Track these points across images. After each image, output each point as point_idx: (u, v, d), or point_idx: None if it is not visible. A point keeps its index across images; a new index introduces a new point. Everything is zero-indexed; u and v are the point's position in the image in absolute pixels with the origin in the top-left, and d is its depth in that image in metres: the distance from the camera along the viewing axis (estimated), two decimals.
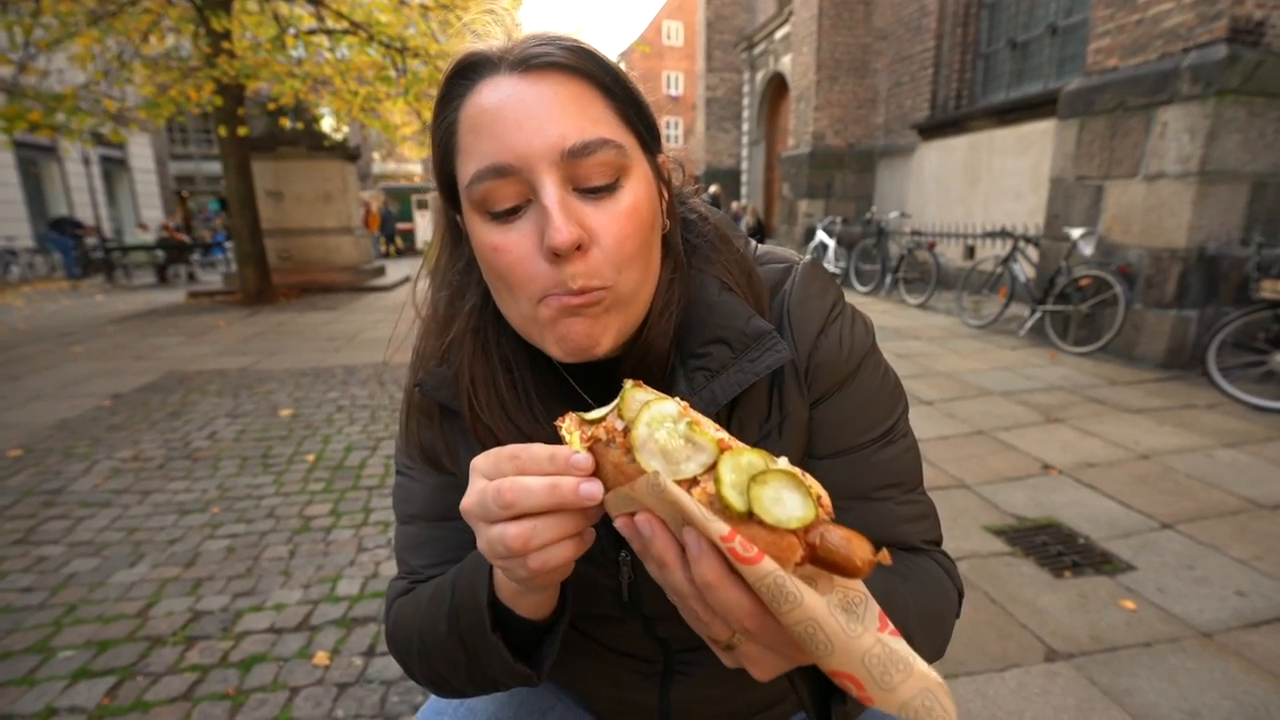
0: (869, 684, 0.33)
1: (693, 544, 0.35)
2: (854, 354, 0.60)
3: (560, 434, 0.42)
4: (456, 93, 0.52)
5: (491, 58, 0.51)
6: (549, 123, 0.48)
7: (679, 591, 0.38)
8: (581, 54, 0.51)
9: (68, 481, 3.06)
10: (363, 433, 3.69)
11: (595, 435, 0.41)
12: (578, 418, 0.42)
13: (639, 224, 0.52)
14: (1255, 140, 4.33)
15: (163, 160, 21.72)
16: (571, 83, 0.50)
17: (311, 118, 10.48)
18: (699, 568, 0.35)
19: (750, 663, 0.39)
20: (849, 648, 0.33)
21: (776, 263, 0.63)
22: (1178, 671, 1.69)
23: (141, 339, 6.67)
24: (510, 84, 0.49)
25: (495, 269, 0.52)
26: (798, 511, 0.35)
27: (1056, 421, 3.61)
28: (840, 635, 0.33)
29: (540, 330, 0.53)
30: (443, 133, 0.53)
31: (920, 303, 7.52)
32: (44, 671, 1.78)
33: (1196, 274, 4.49)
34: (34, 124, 6.95)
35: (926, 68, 9.10)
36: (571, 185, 0.50)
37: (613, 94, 0.52)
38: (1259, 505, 2.59)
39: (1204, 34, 4.34)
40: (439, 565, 0.64)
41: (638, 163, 0.53)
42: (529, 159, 0.48)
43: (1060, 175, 5.49)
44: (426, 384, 0.61)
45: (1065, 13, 7.15)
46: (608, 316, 0.52)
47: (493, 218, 0.51)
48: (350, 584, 2.19)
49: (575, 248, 0.48)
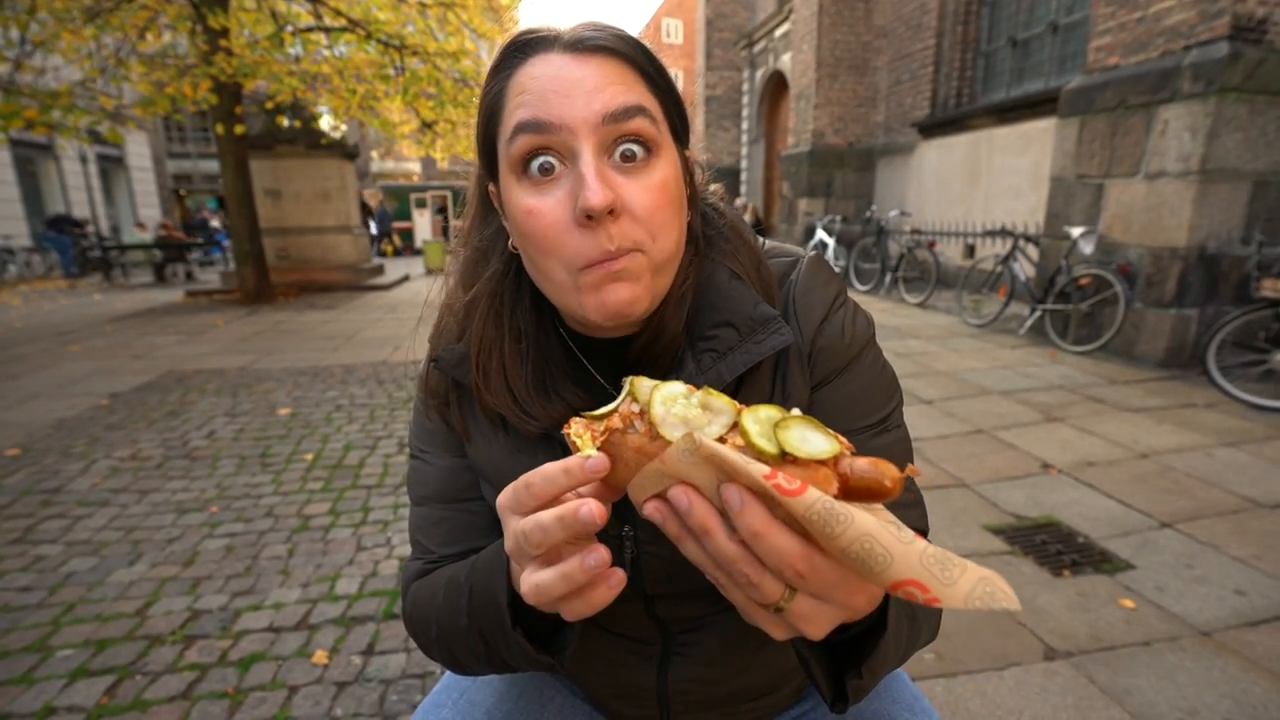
0: (933, 584, 0.33)
1: (734, 498, 0.36)
2: (855, 342, 0.62)
3: (569, 441, 0.42)
4: (509, 64, 0.55)
5: (547, 36, 0.54)
6: (592, 94, 0.51)
7: (724, 558, 0.37)
8: (630, 43, 0.55)
9: (66, 481, 3.05)
10: (361, 431, 3.69)
11: (610, 426, 0.41)
12: (584, 420, 0.42)
13: (668, 197, 0.54)
14: (1256, 139, 4.33)
15: (160, 159, 21.67)
16: (617, 64, 0.53)
17: (310, 116, 10.46)
18: (744, 519, 0.35)
19: (803, 620, 0.39)
20: (906, 554, 0.33)
21: (784, 256, 0.66)
22: (1176, 670, 1.69)
23: (139, 338, 6.66)
24: (561, 60, 0.52)
25: (529, 233, 0.53)
26: (824, 446, 0.37)
27: (1056, 420, 3.61)
28: (896, 543, 0.33)
29: (580, 296, 0.54)
30: (491, 97, 0.56)
31: (920, 301, 7.52)
32: (42, 670, 1.77)
33: (1197, 273, 4.49)
34: (30, 121, 6.93)
35: (927, 66, 9.09)
36: (608, 154, 0.52)
37: (654, 83, 0.56)
38: (1258, 504, 2.59)
39: (1205, 32, 4.33)
40: (453, 546, 0.66)
41: (668, 146, 0.56)
42: (570, 122, 0.51)
43: (1061, 174, 5.49)
44: (443, 359, 0.63)
45: (1066, 10, 7.14)
46: (646, 278, 0.54)
47: (530, 181, 0.53)
48: (349, 583, 2.19)
49: (608, 211, 0.50)
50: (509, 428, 0.63)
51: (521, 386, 0.60)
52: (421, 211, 20.00)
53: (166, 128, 22.42)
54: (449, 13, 8.18)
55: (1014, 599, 0.33)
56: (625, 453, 0.40)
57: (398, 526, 2.57)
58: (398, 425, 3.78)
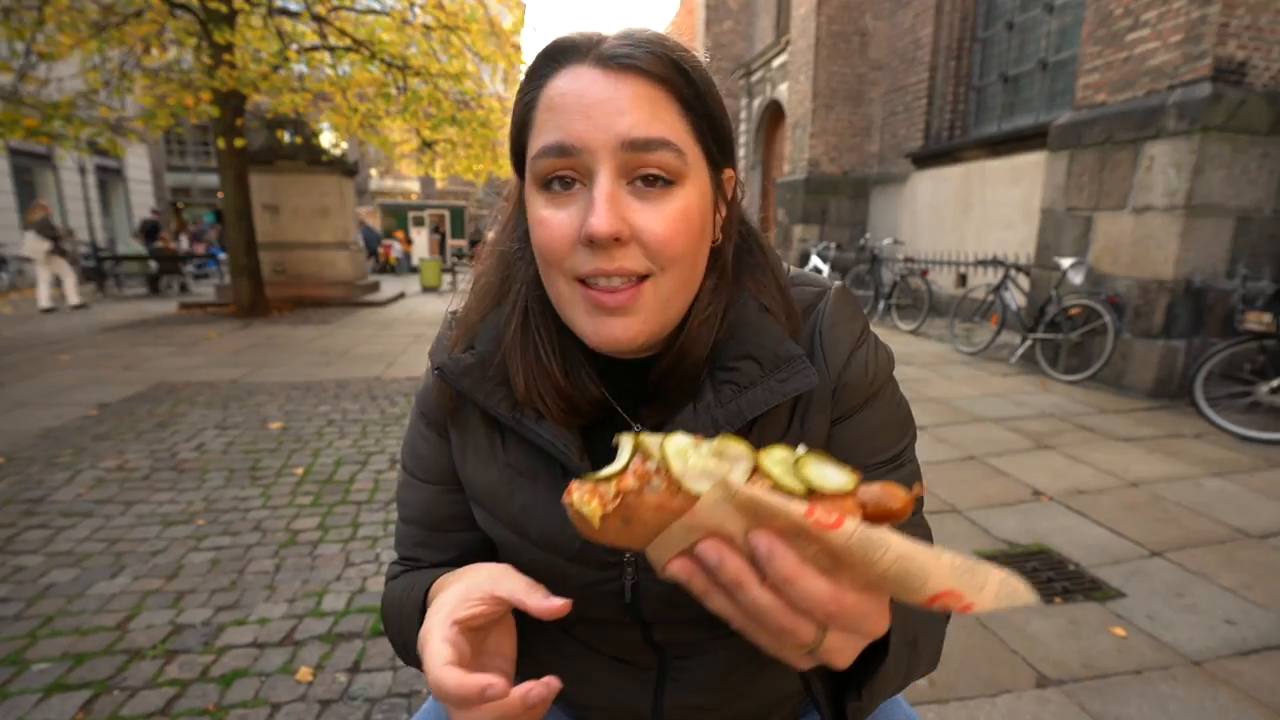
0: (968, 590, 0.34)
1: (763, 546, 0.35)
2: (877, 378, 0.63)
3: (572, 511, 0.40)
4: (541, 73, 0.53)
5: (580, 46, 0.52)
6: (616, 116, 0.49)
7: (758, 609, 0.37)
8: (665, 62, 0.51)
9: (49, 490, 3.01)
10: (353, 447, 3.66)
11: (623, 488, 0.38)
12: (589, 484, 0.40)
13: (683, 229, 0.52)
14: (1239, 176, 4.44)
15: (159, 171, 21.74)
16: (648, 86, 0.51)
17: (311, 132, 10.54)
18: (775, 566, 0.35)
19: (834, 654, 0.39)
20: (939, 567, 0.34)
21: (810, 285, 0.65)
22: (1168, 699, 1.69)
23: (131, 349, 6.62)
24: (590, 75, 0.51)
25: (538, 242, 0.54)
26: (843, 479, 0.38)
27: (1047, 448, 3.63)
28: (930, 558, 0.34)
29: (578, 315, 0.54)
30: (522, 108, 0.55)
31: (913, 329, 7.58)
32: (17, 684, 1.73)
33: (1183, 305, 4.56)
34: (30, 131, 6.96)
35: (920, 98, 9.28)
36: (626, 179, 0.51)
37: (689, 105, 0.53)
38: (1247, 534, 2.60)
39: (1189, 72, 4.46)
40: (434, 562, 0.69)
41: (697, 173, 0.54)
42: (590, 144, 0.50)
43: (1051, 206, 5.59)
44: (447, 369, 0.62)
45: (1055, 49, 7.34)
46: (647, 312, 0.53)
47: (548, 193, 0.53)
48: (336, 599, 2.16)
49: (613, 239, 0.49)
50: (509, 448, 0.63)
51: (545, 387, 0.59)
52: (419, 230, 20.09)
53: (167, 141, 22.51)
54: (452, 35, 8.31)
55: (1031, 595, 0.34)
56: (643, 513, 0.38)
57: (386, 543, 2.55)
58: (390, 441, 3.76)
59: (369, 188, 27.81)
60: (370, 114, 8.62)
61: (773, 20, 14.54)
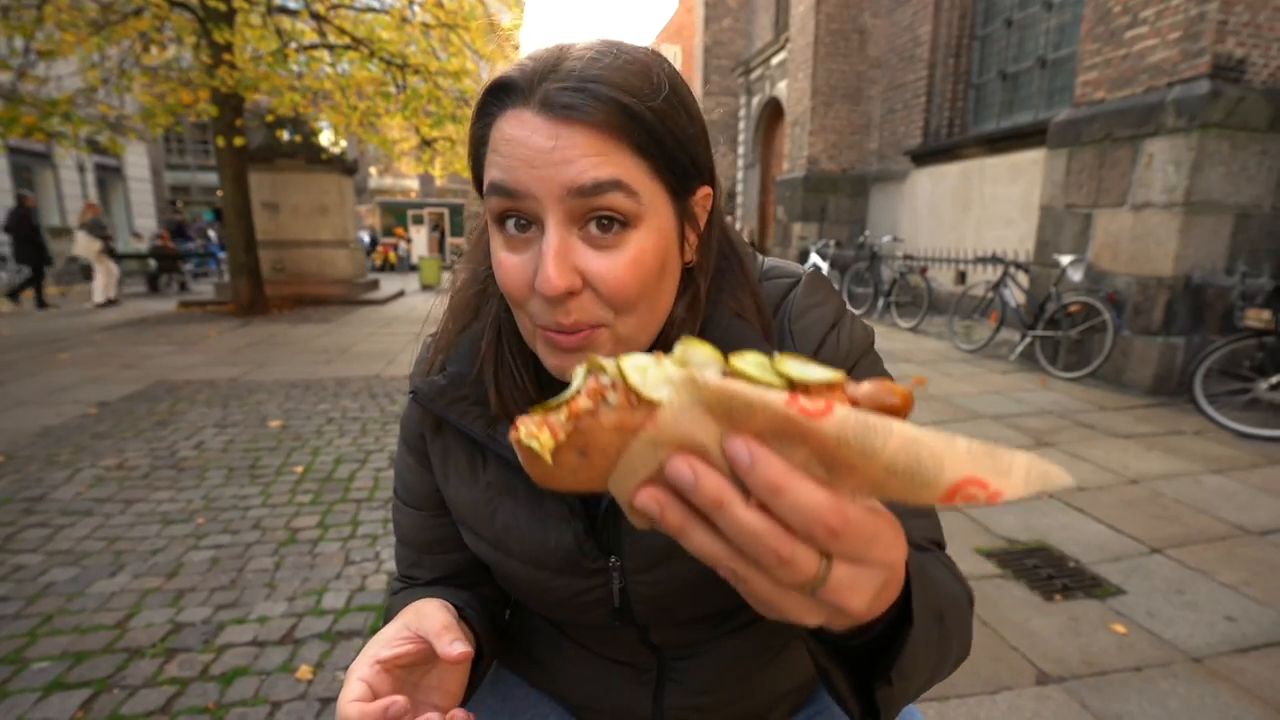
0: (991, 475, 0.28)
1: (742, 451, 0.29)
2: (851, 353, 0.61)
3: (519, 448, 0.33)
4: (487, 110, 0.51)
5: (520, 87, 0.48)
6: (561, 165, 0.47)
7: (746, 532, 0.30)
8: (612, 108, 0.47)
9: (49, 489, 3.01)
10: (352, 445, 3.66)
11: (576, 410, 0.32)
12: (538, 414, 0.33)
13: (640, 274, 0.50)
14: (1238, 173, 4.43)
15: (158, 170, 21.71)
16: (593, 135, 0.47)
17: (310, 131, 10.53)
18: (759, 474, 0.29)
19: (843, 592, 0.32)
20: (953, 451, 0.28)
21: (782, 277, 0.64)
22: (1169, 696, 1.69)
23: (130, 347, 6.61)
24: (533, 123, 0.47)
25: (501, 282, 0.53)
26: (828, 373, 0.32)
27: (1047, 445, 3.63)
28: (941, 442, 0.28)
29: (538, 348, 0.54)
30: (476, 141, 0.54)
31: (912, 326, 7.58)
32: (16, 683, 1.73)
33: (1183, 302, 4.56)
34: (29, 128, 6.95)
35: (919, 96, 9.28)
36: (578, 224, 0.49)
37: (640, 147, 0.49)
38: (1247, 531, 2.60)
39: (1188, 70, 4.46)
40: (429, 580, 0.71)
41: (654, 213, 0.50)
42: (536, 193, 0.48)
43: (1050, 203, 5.59)
44: (421, 392, 0.62)
45: (1054, 46, 7.33)
46: (607, 349, 0.51)
47: (505, 234, 0.51)
48: (336, 597, 2.16)
49: (567, 293, 0.48)
50: (489, 466, 0.63)
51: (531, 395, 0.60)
52: (418, 228, 20.09)
53: (166, 139, 22.49)
54: (451, 33, 8.30)
55: (1066, 477, 0.29)
56: (601, 438, 0.32)
57: (386, 541, 2.54)
58: (389, 439, 3.75)
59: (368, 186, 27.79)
60: (369, 112, 8.60)
61: (771, 18, 14.53)
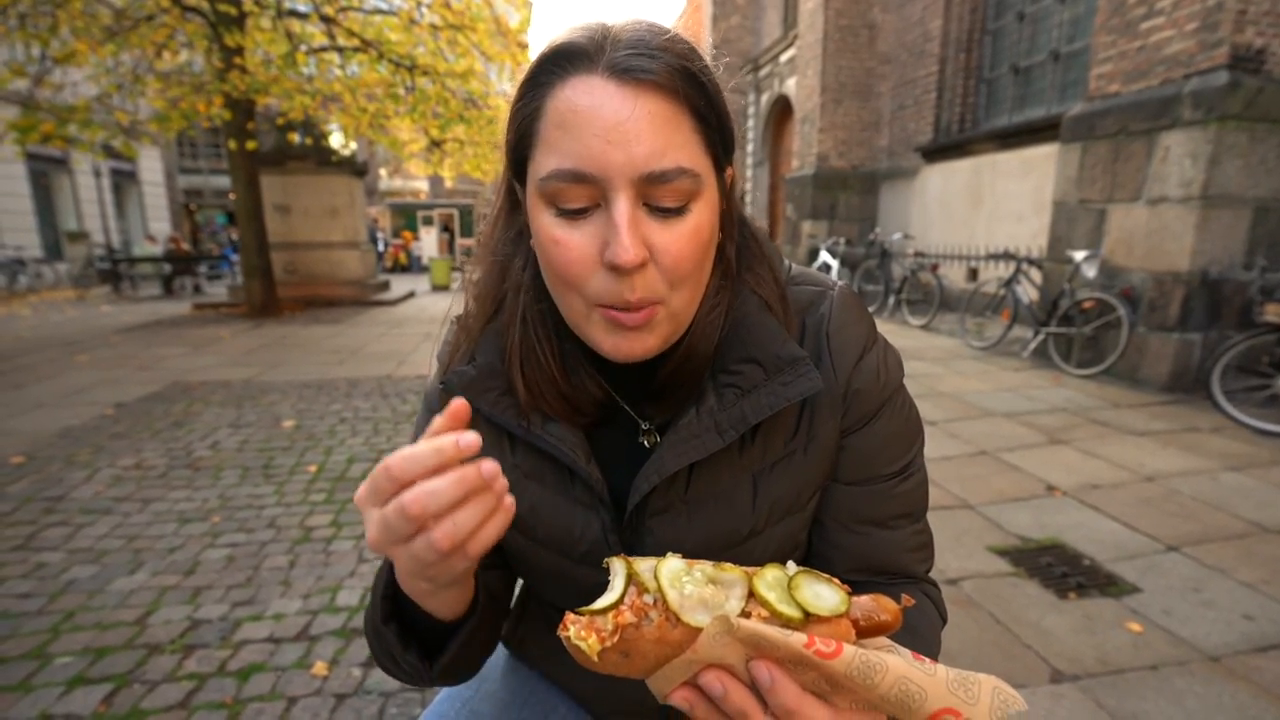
0: (964, 708, 0.35)
1: (764, 676, 0.36)
2: (889, 385, 0.62)
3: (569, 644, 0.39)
4: (546, 79, 0.50)
5: (588, 52, 0.48)
6: (635, 142, 0.47)
7: None
8: (683, 75, 0.49)
9: (69, 489, 3.06)
10: (365, 444, 3.69)
11: (621, 622, 0.38)
12: (585, 618, 0.39)
13: (698, 245, 0.52)
14: (1257, 166, 4.37)
15: (172, 174, 21.97)
16: (666, 104, 0.49)
17: (320, 133, 10.62)
18: (777, 696, 0.36)
19: None
20: (935, 686, 0.36)
21: (811, 285, 0.64)
22: (1185, 695, 1.67)
23: (146, 349, 6.70)
24: (604, 91, 0.47)
25: (553, 262, 0.52)
26: (836, 598, 0.39)
27: (1060, 443, 3.60)
28: (926, 678, 0.36)
29: (593, 331, 0.54)
30: (524, 116, 0.52)
31: (923, 324, 7.53)
32: (40, 678, 1.76)
33: (1199, 297, 4.50)
34: (47, 135, 7.06)
35: (930, 92, 9.20)
36: (643, 201, 0.50)
37: (702, 116, 0.51)
38: (1265, 529, 2.57)
39: (1205, 61, 4.39)
40: None
41: (709, 188, 0.53)
42: (608, 172, 0.48)
43: (1063, 198, 5.53)
44: (451, 382, 0.61)
45: (1067, 39, 7.25)
46: (663, 328, 0.54)
47: (559, 213, 0.51)
48: (350, 595, 2.18)
49: (639, 265, 0.49)
50: (516, 450, 0.63)
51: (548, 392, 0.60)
52: (428, 229, 20.20)
53: (179, 144, 22.76)
54: (459, 35, 8.34)
55: (1020, 700, 0.36)
56: (642, 646, 0.39)
57: None
58: (401, 439, 3.78)
59: (378, 187, 27.95)
60: (379, 114, 8.67)
61: (780, 15, 14.46)
